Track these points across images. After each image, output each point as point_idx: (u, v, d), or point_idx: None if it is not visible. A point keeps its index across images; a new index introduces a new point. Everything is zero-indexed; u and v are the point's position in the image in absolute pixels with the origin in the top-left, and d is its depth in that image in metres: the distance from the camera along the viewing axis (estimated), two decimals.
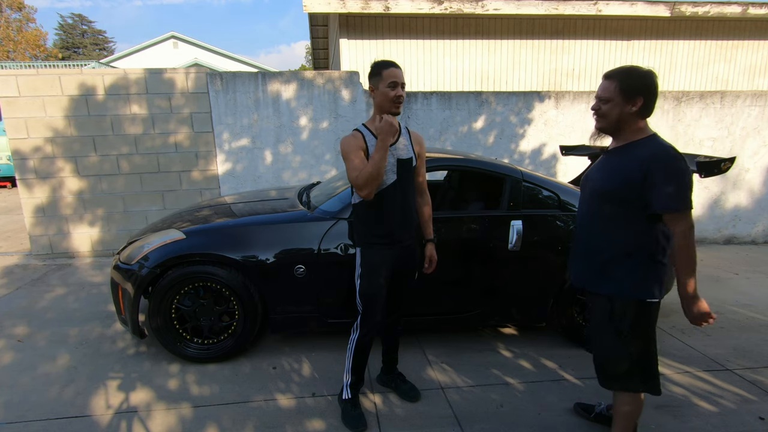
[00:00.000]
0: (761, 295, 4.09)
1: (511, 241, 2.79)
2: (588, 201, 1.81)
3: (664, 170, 1.56)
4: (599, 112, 1.71)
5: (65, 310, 3.64)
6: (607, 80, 1.68)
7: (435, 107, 5.38)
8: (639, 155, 1.62)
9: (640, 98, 1.62)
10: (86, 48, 33.77)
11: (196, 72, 4.99)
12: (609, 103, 1.66)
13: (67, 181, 4.99)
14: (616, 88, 1.64)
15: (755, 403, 2.48)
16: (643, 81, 1.63)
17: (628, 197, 1.63)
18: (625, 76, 1.64)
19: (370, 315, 2.19)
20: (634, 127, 1.68)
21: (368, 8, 6.14)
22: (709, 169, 2.75)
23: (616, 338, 1.76)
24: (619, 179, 1.64)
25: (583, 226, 1.85)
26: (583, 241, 1.83)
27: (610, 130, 1.72)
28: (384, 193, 2.11)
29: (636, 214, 1.66)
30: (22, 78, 4.72)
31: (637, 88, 1.62)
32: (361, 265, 2.18)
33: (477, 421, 2.30)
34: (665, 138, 5.87)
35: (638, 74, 1.63)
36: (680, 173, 1.56)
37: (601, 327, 1.80)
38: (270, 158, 5.27)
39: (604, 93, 1.68)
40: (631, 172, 1.61)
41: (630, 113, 1.65)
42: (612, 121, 1.68)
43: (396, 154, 2.12)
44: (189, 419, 2.30)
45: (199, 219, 3.01)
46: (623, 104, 1.64)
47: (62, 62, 20.83)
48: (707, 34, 7.20)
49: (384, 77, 2.01)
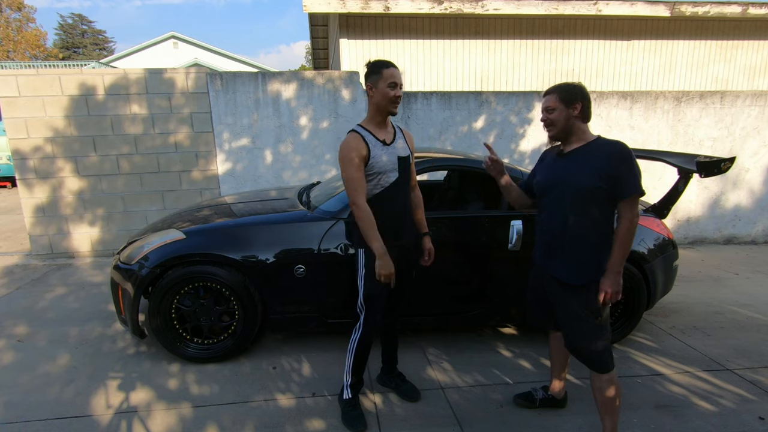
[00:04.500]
0: (761, 295, 4.08)
1: (511, 241, 2.79)
2: (567, 202, 1.92)
3: (628, 161, 1.81)
4: (548, 122, 1.95)
5: (65, 310, 3.64)
6: (548, 95, 1.96)
7: (435, 107, 5.38)
8: (602, 152, 1.85)
9: (579, 103, 1.89)
10: (86, 48, 33.77)
11: (196, 72, 4.99)
12: (554, 111, 1.92)
13: (67, 180, 4.99)
14: (557, 98, 1.91)
15: (755, 403, 2.48)
16: (577, 89, 1.90)
17: (606, 188, 1.83)
18: (562, 88, 1.92)
19: (373, 316, 2.19)
20: (580, 130, 1.93)
21: (368, 8, 6.14)
22: (709, 169, 2.76)
23: (595, 321, 1.92)
24: (596, 175, 1.83)
25: (557, 224, 1.96)
26: (560, 238, 1.96)
27: (562, 135, 1.95)
28: (387, 191, 2.12)
29: (606, 206, 1.87)
30: (22, 78, 4.72)
31: (574, 95, 1.89)
32: (365, 266, 2.17)
33: (477, 421, 2.30)
34: (665, 138, 5.84)
35: (572, 85, 1.92)
36: (635, 163, 1.83)
37: (581, 315, 1.93)
38: (270, 158, 5.27)
39: (549, 104, 1.94)
40: (604, 166, 1.82)
41: (574, 117, 1.90)
42: (560, 127, 1.92)
43: (396, 152, 2.14)
44: (189, 419, 2.30)
45: (199, 219, 3.01)
46: (566, 110, 1.89)
47: (62, 62, 20.83)
48: (707, 34, 7.20)
49: (384, 76, 2.02)
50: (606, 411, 2.01)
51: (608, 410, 2.00)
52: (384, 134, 2.14)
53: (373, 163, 2.08)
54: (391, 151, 2.12)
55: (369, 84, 2.07)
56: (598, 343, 1.94)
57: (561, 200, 1.94)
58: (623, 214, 1.84)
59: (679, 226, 5.87)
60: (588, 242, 1.90)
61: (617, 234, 1.86)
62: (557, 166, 1.98)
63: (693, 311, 3.73)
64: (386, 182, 2.12)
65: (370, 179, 2.12)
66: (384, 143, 2.11)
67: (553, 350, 2.33)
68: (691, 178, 2.95)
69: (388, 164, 2.11)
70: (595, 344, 1.94)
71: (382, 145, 2.11)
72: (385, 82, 2.02)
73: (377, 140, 2.10)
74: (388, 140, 2.14)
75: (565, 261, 1.96)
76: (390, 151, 2.12)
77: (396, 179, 2.14)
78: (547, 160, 2.10)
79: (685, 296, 4.04)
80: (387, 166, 2.11)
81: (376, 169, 2.09)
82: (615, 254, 1.85)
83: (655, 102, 5.58)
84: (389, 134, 2.16)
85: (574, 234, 1.91)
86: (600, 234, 1.90)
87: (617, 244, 1.85)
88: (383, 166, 2.09)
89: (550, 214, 2.00)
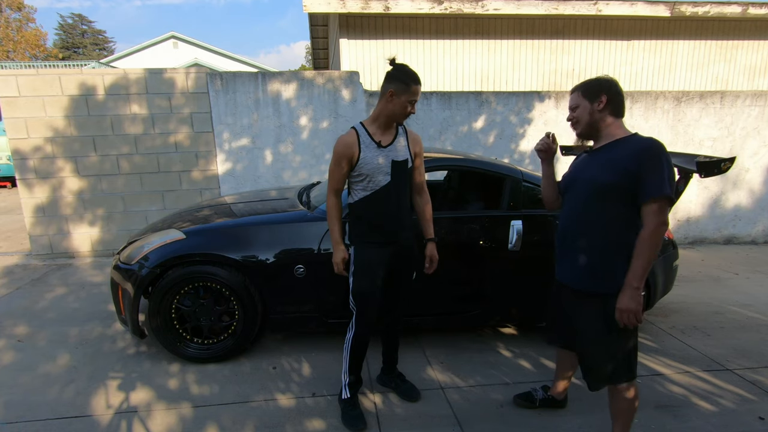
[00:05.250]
0: (761, 295, 4.08)
1: (511, 241, 2.79)
2: (582, 198, 1.81)
3: (656, 159, 1.63)
4: (573, 121, 1.87)
5: (65, 310, 3.64)
6: (572, 93, 1.88)
7: (435, 107, 5.38)
8: (630, 148, 1.70)
9: (603, 95, 1.77)
10: (86, 48, 33.75)
11: (196, 72, 4.99)
12: (578, 108, 1.83)
13: (67, 180, 4.99)
14: (580, 94, 1.83)
15: (755, 403, 2.48)
16: (600, 82, 1.80)
17: (626, 186, 1.68)
18: (584, 83, 1.84)
19: (364, 314, 2.19)
20: (609, 126, 1.80)
21: (368, 8, 6.14)
22: (709, 169, 2.75)
23: (614, 335, 1.75)
24: (616, 170, 1.70)
25: (570, 221, 1.85)
26: (575, 239, 1.83)
27: (588, 133, 1.85)
28: (377, 194, 2.11)
29: (624, 207, 1.71)
30: (22, 78, 4.72)
31: (597, 88, 1.79)
32: (354, 263, 2.18)
33: (477, 421, 2.30)
34: (665, 138, 5.85)
35: (596, 79, 1.83)
36: (666, 164, 1.64)
37: (596, 326, 1.78)
38: (270, 158, 5.27)
39: (572, 102, 1.86)
40: (626, 162, 1.68)
41: (599, 111, 1.78)
42: (585, 123, 1.82)
43: (391, 155, 2.11)
44: (189, 419, 2.30)
45: (199, 219, 3.01)
46: (589, 105, 1.79)
47: (62, 62, 20.83)
48: (707, 34, 7.19)
49: (411, 92, 2.01)
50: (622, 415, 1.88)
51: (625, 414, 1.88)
52: (382, 136, 2.12)
53: (362, 165, 2.07)
54: (386, 154, 2.10)
55: (391, 90, 2.01)
56: (610, 356, 1.78)
57: (578, 199, 1.83)
58: (646, 219, 1.64)
59: (679, 226, 5.88)
60: (599, 245, 1.75)
61: (636, 240, 1.66)
62: (582, 162, 1.88)
63: (693, 311, 3.73)
64: (375, 186, 2.10)
65: (359, 181, 2.11)
66: (379, 145, 2.09)
67: (561, 351, 2.22)
68: (691, 178, 2.95)
69: (379, 167, 2.08)
70: (608, 357, 1.78)
71: (376, 147, 2.08)
72: (409, 97, 2.01)
73: (372, 141, 2.09)
74: (384, 142, 2.11)
75: (579, 265, 1.80)
76: (385, 153, 2.10)
77: (387, 183, 2.10)
78: (576, 159, 1.99)
79: (685, 296, 4.04)
80: (376, 170, 2.07)
81: (365, 172, 2.07)
82: (633, 265, 1.65)
83: (655, 102, 5.58)
84: (389, 136, 2.14)
85: (585, 233, 1.78)
86: (613, 238, 1.73)
87: (635, 252, 1.65)
88: (372, 169, 2.07)
89: (567, 214, 1.89)
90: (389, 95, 2.03)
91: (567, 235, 1.87)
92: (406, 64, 2.07)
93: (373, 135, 2.10)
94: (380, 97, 2.08)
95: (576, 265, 1.82)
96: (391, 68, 2.06)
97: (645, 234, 1.65)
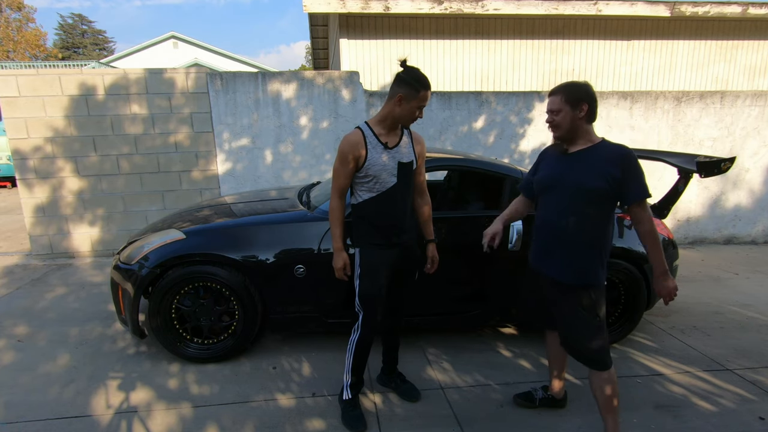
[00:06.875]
0: (761, 295, 4.09)
1: (511, 241, 2.79)
2: (566, 199, 1.91)
3: (635, 166, 1.82)
4: (553, 124, 1.91)
5: (65, 310, 3.64)
6: (553, 96, 1.91)
7: (435, 107, 5.38)
8: (608, 155, 1.85)
9: (585, 104, 1.85)
10: (86, 48, 33.75)
11: (196, 72, 4.99)
12: (560, 113, 1.88)
13: (67, 180, 4.99)
14: (563, 99, 1.86)
15: (755, 403, 2.48)
16: (582, 89, 1.86)
17: (609, 191, 1.83)
18: (567, 88, 1.87)
19: (371, 316, 2.18)
20: (586, 131, 1.91)
21: (368, 8, 6.14)
22: (709, 169, 2.76)
23: (593, 323, 1.93)
24: (601, 177, 1.83)
25: (555, 222, 1.96)
26: (559, 237, 1.95)
27: (567, 137, 1.92)
28: (384, 195, 2.11)
29: (605, 208, 1.88)
30: (22, 78, 4.72)
31: (580, 96, 1.85)
32: (360, 265, 2.18)
33: (477, 421, 2.30)
34: (665, 138, 5.84)
35: (578, 85, 1.87)
36: (641, 167, 1.84)
37: (579, 315, 1.93)
38: (270, 158, 5.27)
39: (554, 106, 1.89)
40: (610, 168, 1.82)
41: (579, 119, 1.87)
42: (566, 128, 1.89)
43: (397, 157, 2.11)
44: (189, 419, 2.30)
45: (199, 219, 3.01)
46: (572, 112, 1.86)
47: (62, 62, 20.83)
48: (707, 34, 7.19)
49: (420, 98, 2.00)
50: (607, 410, 2.01)
51: (609, 409, 2.01)
52: (389, 137, 2.11)
53: (369, 166, 2.06)
54: (392, 155, 2.09)
55: (400, 95, 2.00)
56: (594, 342, 1.94)
57: (561, 199, 1.93)
58: (641, 218, 1.85)
59: (679, 226, 5.88)
60: (585, 242, 1.90)
61: (646, 238, 1.86)
62: (561, 165, 1.96)
63: (693, 311, 3.73)
64: (382, 187, 2.09)
65: (366, 182, 2.10)
66: (386, 146, 2.09)
67: (551, 350, 2.32)
68: (691, 178, 2.96)
69: (386, 168, 2.07)
70: (592, 343, 1.94)
71: (383, 148, 2.08)
72: (418, 102, 2.01)
73: (379, 142, 2.08)
74: (391, 144, 2.10)
75: (561, 260, 1.95)
76: (391, 154, 2.09)
77: (393, 185, 2.10)
78: (549, 157, 2.07)
79: (685, 296, 4.04)
80: (383, 171, 2.07)
81: (372, 173, 2.07)
82: (654, 257, 1.85)
83: (655, 102, 5.58)
84: (395, 138, 2.13)
85: (572, 233, 1.91)
86: (597, 235, 1.90)
87: (650, 246, 1.85)
88: (379, 170, 2.06)
89: (549, 213, 1.99)
90: (398, 99, 2.01)
91: (550, 231, 1.99)
92: (417, 68, 2.03)
93: (379, 136, 2.09)
94: (388, 99, 2.06)
95: (564, 262, 1.95)
96: (401, 70, 2.03)
97: (646, 229, 1.85)
